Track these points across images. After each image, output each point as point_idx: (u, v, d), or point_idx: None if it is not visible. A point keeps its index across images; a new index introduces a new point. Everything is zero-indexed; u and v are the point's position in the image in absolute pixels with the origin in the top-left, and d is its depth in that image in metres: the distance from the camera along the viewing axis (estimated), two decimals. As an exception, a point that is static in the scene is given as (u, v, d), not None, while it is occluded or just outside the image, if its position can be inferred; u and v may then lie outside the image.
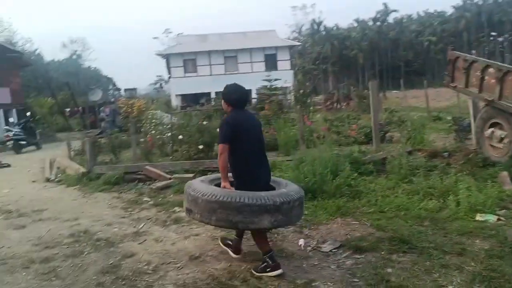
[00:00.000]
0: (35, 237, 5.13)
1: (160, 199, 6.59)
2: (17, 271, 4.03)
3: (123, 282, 3.61)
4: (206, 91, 31.90)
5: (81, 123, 27.95)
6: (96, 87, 27.16)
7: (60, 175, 9.77)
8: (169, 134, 10.17)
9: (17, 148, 16.18)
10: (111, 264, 4.04)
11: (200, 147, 9.05)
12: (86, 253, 4.41)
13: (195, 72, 33.39)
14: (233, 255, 4.02)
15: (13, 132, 16.44)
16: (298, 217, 3.78)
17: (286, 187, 3.82)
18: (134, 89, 35.11)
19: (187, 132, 9.47)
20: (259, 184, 3.69)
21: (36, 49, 45.35)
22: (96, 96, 25.03)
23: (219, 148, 3.68)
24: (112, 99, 29.59)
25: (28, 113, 19.49)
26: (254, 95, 28.66)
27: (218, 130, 9.34)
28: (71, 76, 45.57)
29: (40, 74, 42.83)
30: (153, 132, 10.65)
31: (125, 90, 33.05)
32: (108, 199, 6.97)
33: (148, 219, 5.62)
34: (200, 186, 3.70)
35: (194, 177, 7.77)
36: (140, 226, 5.29)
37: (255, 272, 3.62)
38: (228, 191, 3.52)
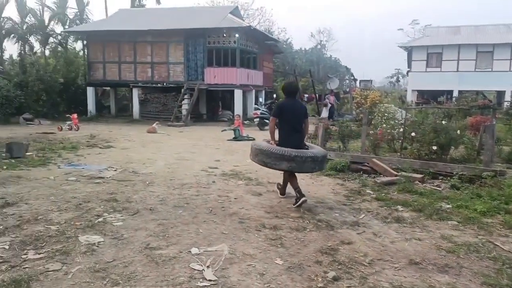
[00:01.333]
0: (268, 205, 5.78)
1: (383, 194, 6.43)
2: (251, 231, 4.62)
3: (339, 267, 3.69)
4: (447, 88, 29.16)
5: (316, 109, 29.85)
6: (334, 76, 28.29)
7: (293, 154, 10.69)
8: (401, 129, 9.78)
9: (261, 125, 18.52)
10: (329, 246, 4.19)
11: (434, 147, 8.38)
12: (308, 230, 4.70)
13: (439, 67, 30.84)
14: (280, 196, 6.26)
15: (260, 111, 18.89)
16: (310, 169, 5.68)
17: (310, 149, 5.73)
18: (369, 81, 35.12)
19: (421, 130, 8.90)
20: (290, 144, 5.57)
21: (288, 38, 50.21)
22: (334, 84, 26.11)
23: (270, 119, 6.00)
24: (347, 89, 30.38)
25: (274, 95, 22.00)
26: (508, 97, 24.64)
27: (458, 131, 8.72)
28: (313, 65, 48.89)
29: (287, 61, 47.49)
30: (384, 125, 10.43)
31: (361, 81, 33.36)
32: (333, 185, 7.24)
33: (369, 211, 5.58)
34: (256, 141, 6.42)
35: (423, 178, 7.32)
36: (360, 217, 5.30)
37: (293, 205, 5.71)
38: (267, 144, 5.71)
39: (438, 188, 6.89)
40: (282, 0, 73.56)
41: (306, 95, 31.89)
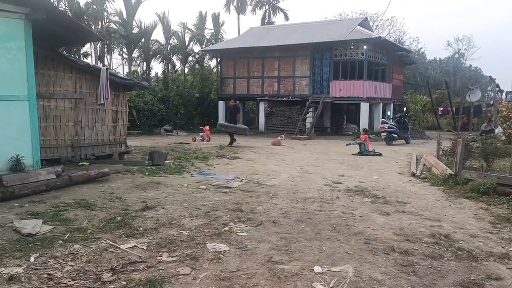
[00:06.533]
0: (397, 226, 5.33)
1: (540, 224, 5.45)
2: (378, 254, 4.28)
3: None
4: None
5: (452, 123, 27.24)
6: (476, 88, 25.49)
7: (425, 172, 9.84)
8: None
9: (389, 140, 17.54)
10: (472, 280, 3.65)
11: None
12: (446, 259, 4.18)
13: None
14: (229, 145, 16.16)
15: (388, 125, 17.90)
16: (237, 132, 16.81)
17: (238, 125, 17.43)
18: (518, 92, 30.85)
19: None
20: (230, 123, 17.44)
21: (420, 48, 47.18)
22: (475, 96, 23.50)
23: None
24: (491, 101, 27.16)
25: (404, 109, 20.71)
26: None
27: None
28: (449, 75, 45.07)
29: (419, 72, 44.59)
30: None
31: (507, 92, 29.50)
32: (474, 208, 6.40)
33: (522, 243, 4.76)
34: (220, 121, 21.00)
35: None
36: (511, 249, 4.55)
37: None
38: (223, 122, 19.10)
39: None
40: (416, 8, 69.39)
41: (440, 108, 29.43)
